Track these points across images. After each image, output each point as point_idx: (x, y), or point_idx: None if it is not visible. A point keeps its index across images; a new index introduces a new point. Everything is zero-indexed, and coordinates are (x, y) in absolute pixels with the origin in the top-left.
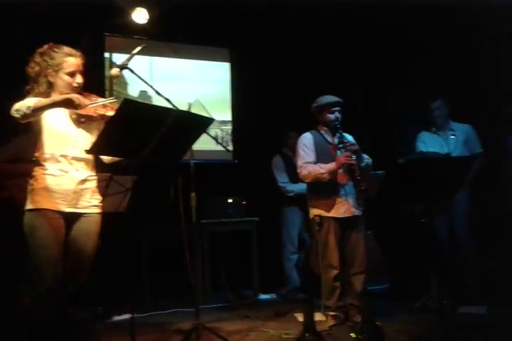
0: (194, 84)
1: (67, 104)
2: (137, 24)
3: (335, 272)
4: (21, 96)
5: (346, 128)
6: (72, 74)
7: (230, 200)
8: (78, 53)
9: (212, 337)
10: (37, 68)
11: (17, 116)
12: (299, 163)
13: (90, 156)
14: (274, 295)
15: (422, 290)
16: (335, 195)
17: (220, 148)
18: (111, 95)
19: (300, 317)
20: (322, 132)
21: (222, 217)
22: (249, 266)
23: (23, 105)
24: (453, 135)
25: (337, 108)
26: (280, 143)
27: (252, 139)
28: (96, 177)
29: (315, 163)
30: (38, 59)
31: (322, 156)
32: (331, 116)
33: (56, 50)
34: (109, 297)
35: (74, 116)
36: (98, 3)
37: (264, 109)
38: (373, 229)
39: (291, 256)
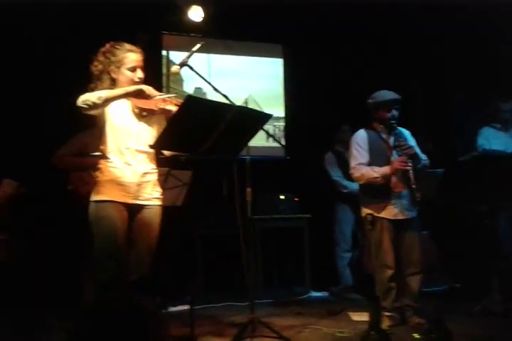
0: (247, 81)
1: (139, 94)
2: (193, 22)
3: (390, 272)
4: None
5: (403, 124)
6: (133, 70)
7: (282, 197)
8: (138, 49)
9: (267, 332)
10: (100, 66)
11: (84, 106)
12: (352, 163)
13: (151, 149)
14: (326, 293)
15: (481, 293)
16: (387, 199)
17: (271, 144)
18: (168, 92)
19: (354, 316)
20: (378, 130)
21: (274, 214)
22: (301, 263)
23: (92, 95)
24: None
25: (394, 105)
26: (332, 139)
27: (304, 135)
28: (157, 170)
29: (369, 163)
30: (100, 57)
31: (376, 156)
32: (388, 114)
33: (117, 47)
34: (165, 288)
35: (136, 110)
36: (155, 2)
37: (317, 105)
38: (431, 228)
39: (344, 254)
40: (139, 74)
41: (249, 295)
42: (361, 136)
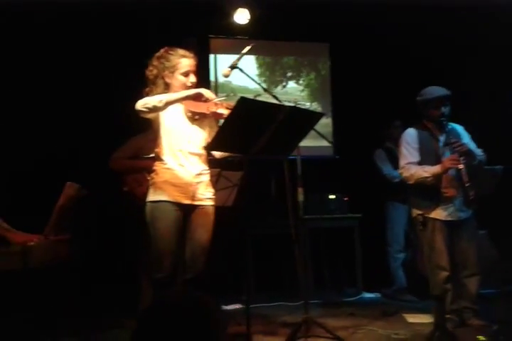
0: (295, 80)
1: (198, 97)
2: (239, 24)
3: (445, 274)
4: (141, 98)
5: (455, 119)
6: (186, 75)
7: (331, 196)
8: (191, 54)
9: (320, 332)
10: (155, 71)
11: (144, 110)
12: (402, 163)
13: (203, 151)
14: (378, 294)
15: None
16: (437, 201)
17: (320, 143)
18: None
19: (409, 318)
20: (428, 127)
21: (323, 213)
22: (352, 263)
23: (153, 99)
24: None
25: (443, 102)
26: (383, 136)
27: (353, 134)
28: (209, 171)
29: (419, 162)
30: (155, 62)
31: (427, 155)
32: (437, 112)
33: (171, 52)
34: (218, 287)
35: (189, 114)
36: (201, 7)
37: (366, 103)
38: (489, 228)
39: (397, 255)
40: (192, 78)
41: (301, 295)
42: (411, 134)
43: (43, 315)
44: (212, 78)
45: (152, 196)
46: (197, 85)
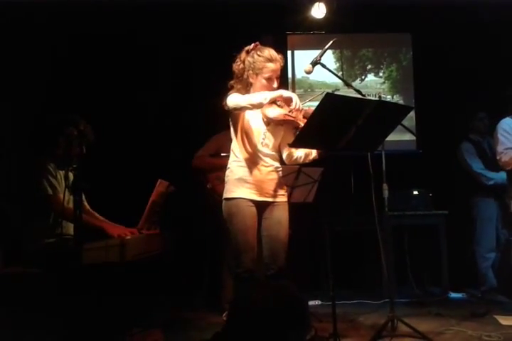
0: (374, 72)
1: (287, 100)
2: (315, 19)
3: None
4: (225, 90)
5: None
6: (269, 79)
7: (415, 192)
8: (278, 57)
9: (407, 331)
10: (241, 66)
11: (234, 107)
12: (499, 149)
13: (276, 152)
14: (465, 295)
15: None
16: None
17: (402, 137)
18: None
19: (502, 320)
20: None
21: (407, 210)
22: (438, 262)
23: (243, 100)
24: None
25: None
26: (467, 128)
27: (436, 127)
28: (281, 169)
29: None
30: (243, 56)
31: None
32: None
33: (259, 53)
34: (299, 283)
35: (265, 119)
36: (277, 3)
37: (449, 96)
38: None
39: (487, 255)
40: (275, 84)
41: (385, 293)
42: (507, 122)
43: (135, 306)
44: (289, 74)
45: (227, 193)
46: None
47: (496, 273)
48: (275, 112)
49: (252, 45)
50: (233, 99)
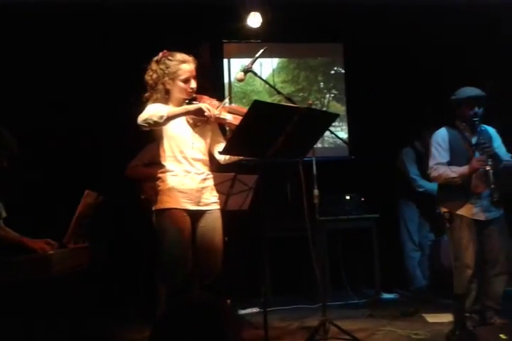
0: (307, 81)
1: (199, 112)
2: (251, 28)
3: (469, 272)
4: (140, 103)
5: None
6: (186, 81)
7: (347, 197)
8: (191, 58)
9: (339, 334)
10: (154, 76)
11: (145, 125)
12: (431, 163)
13: (206, 157)
14: (397, 295)
15: None
16: (466, 198)
17: (335, 144)
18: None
19: (429, 318)
20: (460, 128)
21: (340, 214)
22: (370, 264)
23: (154, 115)
24: None
25: (477, 102)
26: (409, 134)
27: (367, 134)
28: (212, 176)
29: (448, 163)
30: (154, 67)
31: (457, 156)
32: (470, 112)
33: (170, 58)
34: (234, 291)
35: (191, 121)
36: (213, 11)
37: (379, 104)
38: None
39: (413, 254)
40: (193, 84)
41: (319, 297)
42: (442, 134)
43: (63, 323)
44: (226, 82)
45: (160, 204)
46: (201, 90)
47: (425, 273)
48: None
49: (160, 53)
50: (142, 116)
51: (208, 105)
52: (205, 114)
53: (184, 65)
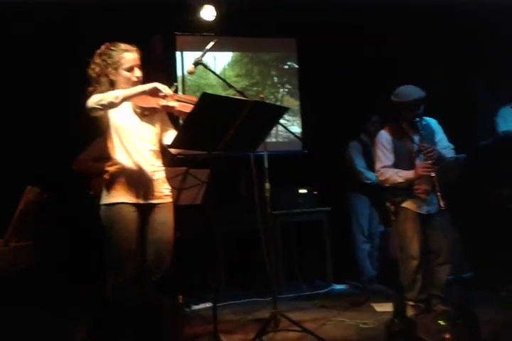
0: (261, 76)
1: (154, 91)
2: (205, 21)
3: (415, 263)
4: (85, 98)
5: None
6: (130, 69)
7: (300, 191)
8: (134, 48)
9: (290, 326)
10: (97, 69)
11: (98, 107)
12: (377, 166)
13: (157, 147)
14: (348, 286)
15: (506, 279)
16: (408, 195)
17: (288, 138)
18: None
19: (377, 307)
20: (403, 127)
21: (293, 208)
22: (322, 256)
23: (107, 95)
24: None
25: (419, 105)
26: (358, 128)
27: (320, 128)
28: (163, 168)
29: (394, 164)
30: (97, 60)
31: (401, 157)
32: (413, 114)
33: (113, 48)
34: (187, 286)
35: (138, 110)
36: (167, 4)
37: (332, 99)
38: (452, 215)
39: (362, 246)
40: (137, 73)
41: (271, 290)
42: (385, 136)
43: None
44: (179, 75)
45: (107, 198)
46: (150, 80)
47: (374, 264)
48: (148, 100)
49: (103, 46)
50: (94, 98)
51: (166, 86)
52: (162, 93)
53: (127, 53)
